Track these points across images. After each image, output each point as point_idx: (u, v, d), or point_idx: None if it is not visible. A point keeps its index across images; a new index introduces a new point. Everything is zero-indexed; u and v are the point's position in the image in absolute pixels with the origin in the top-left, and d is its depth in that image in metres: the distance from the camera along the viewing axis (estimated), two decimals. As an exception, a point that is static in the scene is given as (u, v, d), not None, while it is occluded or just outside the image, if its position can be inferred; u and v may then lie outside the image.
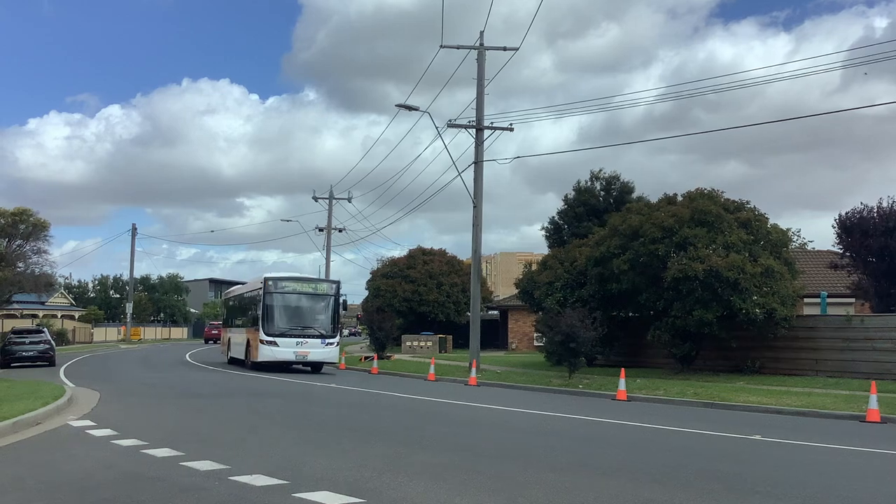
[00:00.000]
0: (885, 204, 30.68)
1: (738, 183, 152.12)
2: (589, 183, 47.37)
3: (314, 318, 30.63)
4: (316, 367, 31.07)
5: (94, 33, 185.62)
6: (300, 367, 31.29)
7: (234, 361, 35.05)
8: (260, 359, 29.66)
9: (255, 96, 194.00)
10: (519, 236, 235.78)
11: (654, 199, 31.93)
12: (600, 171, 47.47)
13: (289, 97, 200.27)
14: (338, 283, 31.88)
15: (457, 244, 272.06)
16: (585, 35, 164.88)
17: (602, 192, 46.93)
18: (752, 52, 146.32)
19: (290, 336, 29.61)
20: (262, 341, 29.44)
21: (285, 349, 29.36)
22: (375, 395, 20.12)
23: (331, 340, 30.27)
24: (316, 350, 29.81)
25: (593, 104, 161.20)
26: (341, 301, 31.91)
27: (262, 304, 29.84)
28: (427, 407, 17.37)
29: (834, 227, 31.97)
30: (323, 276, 50.66)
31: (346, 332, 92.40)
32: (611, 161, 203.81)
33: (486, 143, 30.47)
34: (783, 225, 29.30)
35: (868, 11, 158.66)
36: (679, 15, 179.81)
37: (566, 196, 47.29)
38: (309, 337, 29.86)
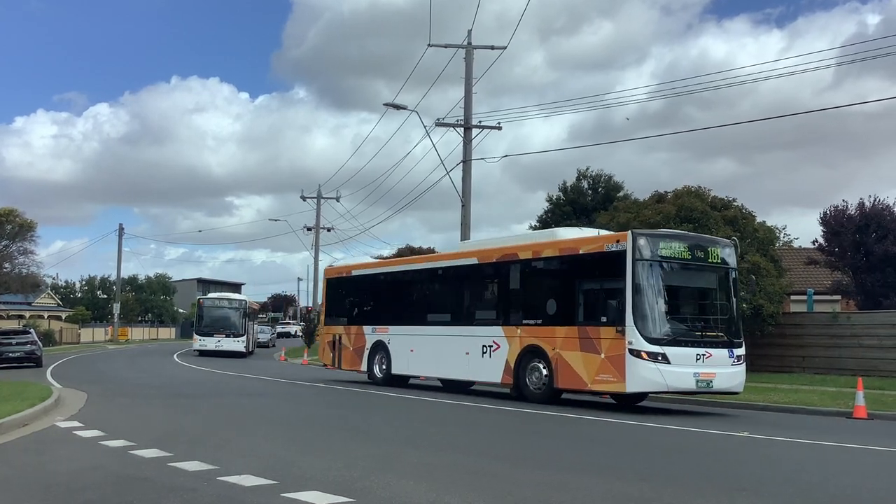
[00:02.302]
0: (866, 202, 31.11)
1: (729, 180, 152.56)
2: (576, 181, 47.44)
3: (714, 312, 17.06)
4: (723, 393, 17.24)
5: (81, 31, 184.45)
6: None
7: (394, 381, 22.34)
8: (631, 386, 15.69)
9: (244, 94, 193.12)
10: (509, 235, 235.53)
11: (641, 197, 32.12)
12: (587, 169, 47.55)
13: (279, 95, 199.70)
14: (734, 243, 17.82)
15: (446, 243, 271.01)
16: (579, 32, 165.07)
17: (589, 191, 47.00)
18: (744, 49, 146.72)
19: (689, 344, 16.01)
20: (635, 353, 15.49)
21: (681, 369, 15.64)
22: (365, 395, 20.11)
23: (739, 351, 16.70)
24: (723, 371, 16.24)
25: (584, 102, 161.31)
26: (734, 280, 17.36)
27: (627, 281, 15.79)
28: (417, 406, 17.35)
29: (819, 225, 32.30)
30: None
31: None
32: (601, 159, 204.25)
33: (475, 142, 30.49)
34: (772, 222, 29.56)
35: (861, 8, 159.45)
36: (673, 11, 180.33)
37: (549, 196, 47.30)
38: (711, 345, 16.27)
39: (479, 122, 30.94)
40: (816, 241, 32.94)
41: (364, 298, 24.65)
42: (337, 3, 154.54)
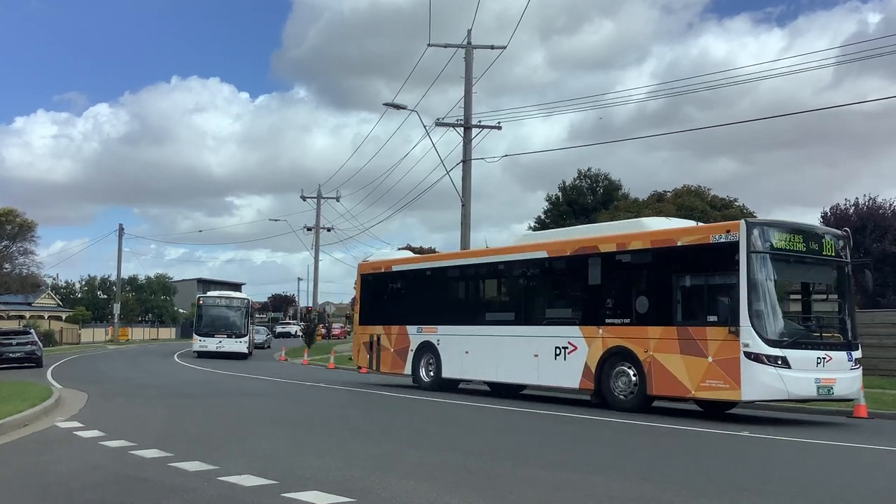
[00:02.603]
0: (861, 202, 31.25)
1: (729, 180, 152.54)
2: (576, 181, 47.48)
3: (831, 310, 16.51)
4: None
5: (82, 31, 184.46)
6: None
7: (445, 386, 20.71)
8: (747, 393, 14.25)
9: (244, 94, 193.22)
10: (509, 234, 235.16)
11: (641, 197, 32.16)
12: (588, 169, 47.61)
13: (279, 95, 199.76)
14: (846, 234, 16.23)
15: (447, 242, 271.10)
16: (579, 31, 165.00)
17: (589, 191, 47.04)
18: (745, 48, 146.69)
19: (809, 346, 14.70)
20: (752, 356, 14.05)
21: (802, 375, 14.23)
22: (365, 395, 20.10)
23: (857, 354, 15.33)
24: (842, 376, 14.86)
25: (585, 102, 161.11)
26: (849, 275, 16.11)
27: (741, 276, 14.34)
28: (417, 406, 17.34)
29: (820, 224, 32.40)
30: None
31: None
32: (602, 159, 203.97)
33: (475, 142, 30.48)
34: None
35: (862, 7, 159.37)
36: (674, 10, 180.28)
37: (549, 196, 47.36)
38: (831, 347, 14.93)
39: (479, 121, 30.96)
40: None
41: (407, 296, 22.46)
42: (337, 2, 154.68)
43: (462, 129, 30.38)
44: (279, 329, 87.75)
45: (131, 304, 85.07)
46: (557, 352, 17.33)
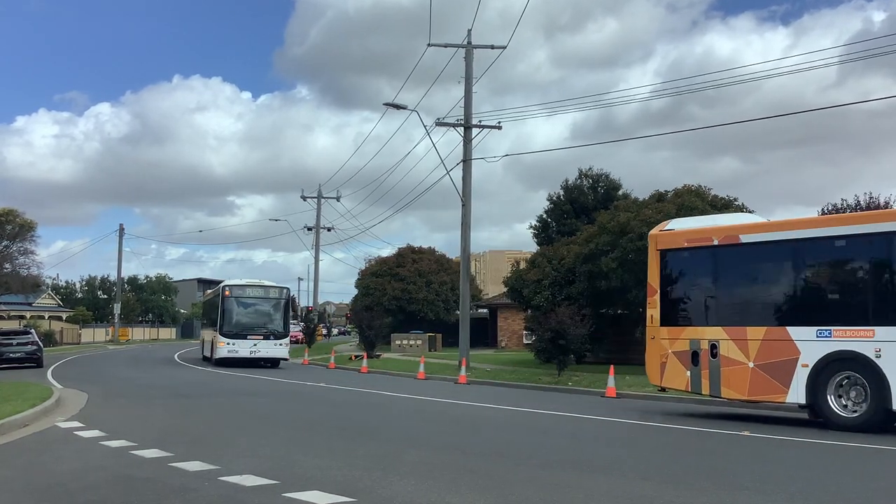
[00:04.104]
0: (861, 200, 31.17)
1: (732, 179, 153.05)
2: (577, 181, 47.47)
3: None
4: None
5: (83, 30, 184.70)
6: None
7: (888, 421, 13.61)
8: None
9: (246, 94, 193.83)
10: (511, 234, 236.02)
11: (641, 197, 32.12)
12: (589, 169, 47.58)
13: (280, 94, 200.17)
14: None
15: (448, 242, 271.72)
16: (584, 29, 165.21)
17: (589, 190, 47.02)
18: (749, 46, 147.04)
19: None
20: None
21: None
22: (365, 395, 20.11)
23: None
24: None
25: (587, 101, 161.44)
26: None
27: None
28: (417, 405, 17.37)
29: None
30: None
31: (335, 330, 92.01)
32: (604, 158, 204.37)
33: (477, 141, 30.59)
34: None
35: (867, 5, 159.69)
36: (678, 9, 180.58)
37: (549, 195, 47.34)
38: None
39: (480, 121, 30.97)
40: None
41: (785, 281, 14.94)
42: (340, 0, 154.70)
43: (462, 128, 30.39)
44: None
45: (132, 305, 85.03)
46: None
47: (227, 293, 33.85)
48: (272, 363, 33.92)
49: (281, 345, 33.95)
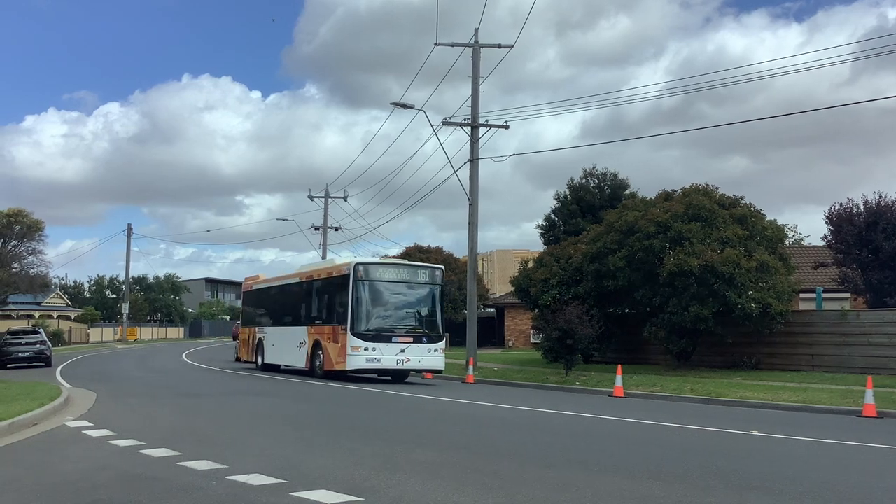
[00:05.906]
0: (871, 199, 31.04)
1: (742, 178, 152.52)
2: (583, 180, 47.48)
3: None
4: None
5: (92, 29, 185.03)
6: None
7: None
8: None
9: (256, 93, 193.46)
10: (519, 233, 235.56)
11: (648, 196, 32.05)
12: (594, 167, 47.61)
13: (289, 93, 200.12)
14: None
15: (456, 241, 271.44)
16: (595, 26, 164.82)
17: (596, 189, 47.00)
18: (763, 44, 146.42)
19: None
20: None
21: None
22: (373, 394, 20.11)
23: None
24: None
25: (597, 99, 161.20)
26: None
27: None
28: (424, 405, 17.37)
29: (825, 222, 32.21)
30: None
31: None
32: (613, 157, 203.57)
33: (486, 140, 30.54)
34: (785, 220, 29.57)
35: (882, 1, 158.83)
36: (691, 5, 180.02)
37: (557, 193, 47.36)
38: None
39: (488, 120, 30.88)
40: (825, 237, 32.87)
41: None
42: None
43: (469, 128, 30.36)
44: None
45: (140, 304, 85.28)
46: None
47: (359, 274, 23.51)
48: (400, 376, 24.52)
49: (436, 351, 23.99)
